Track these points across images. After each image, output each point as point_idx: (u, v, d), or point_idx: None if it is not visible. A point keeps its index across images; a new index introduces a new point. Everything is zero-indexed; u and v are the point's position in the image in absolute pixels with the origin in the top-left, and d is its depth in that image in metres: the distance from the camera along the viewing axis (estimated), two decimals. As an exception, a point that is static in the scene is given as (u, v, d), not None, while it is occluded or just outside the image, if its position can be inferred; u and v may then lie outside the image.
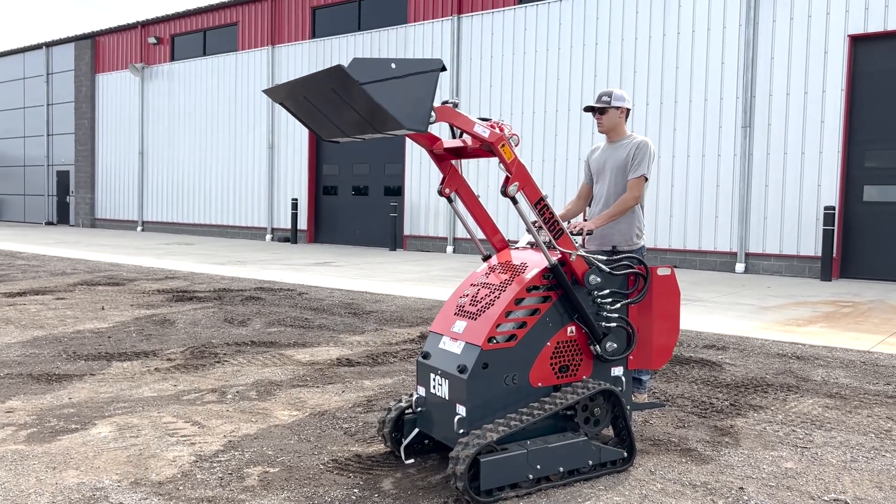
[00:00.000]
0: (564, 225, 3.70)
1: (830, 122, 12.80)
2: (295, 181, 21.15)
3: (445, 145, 3.65)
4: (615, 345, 3.66)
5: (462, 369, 3.34)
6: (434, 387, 3.54)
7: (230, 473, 3.47)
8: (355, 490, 3.30)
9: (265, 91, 3.38)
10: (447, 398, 3.45)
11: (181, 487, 3.29)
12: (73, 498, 3.15)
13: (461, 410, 3.34)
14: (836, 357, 6.23)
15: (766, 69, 13.43)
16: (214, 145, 23.20)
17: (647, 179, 4.37)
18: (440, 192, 3.74)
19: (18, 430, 4.03)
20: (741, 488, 3.39)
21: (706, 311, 8.70)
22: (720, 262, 14.04)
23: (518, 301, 3.46)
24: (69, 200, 28.68)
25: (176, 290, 9.84)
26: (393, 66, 2.88)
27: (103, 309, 8.23)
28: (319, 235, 21.08)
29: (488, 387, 3.36)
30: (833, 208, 12.44)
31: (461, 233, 17.50)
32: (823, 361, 6.07)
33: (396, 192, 19.14)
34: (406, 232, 18.53)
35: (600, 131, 4.56)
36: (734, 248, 13.85)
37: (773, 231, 13.44)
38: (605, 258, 3.74)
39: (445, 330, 3.62)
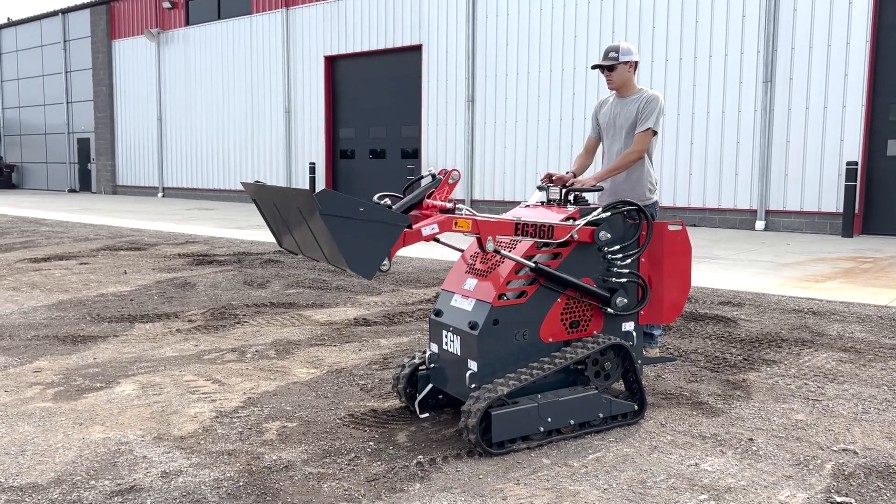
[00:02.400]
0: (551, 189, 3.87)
1: (854, 76, 12.52)
2: (312, 145, 21.16)
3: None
4: (625, 300, 3.68)
5: (473, 326, 3.39)
6: (446, 343, 3.60)
7: (249, 428, 3.57)
8: (371, 443, 3.39)
9: (242, 183, 3.50)
10: (459, 354, 3.51)
11: (202, 441, 3.40)
12: (100, 451, 3.27)
13: (473, 366, 3.41)
14: (853, 312, 6.21)
15: (788, 22, 13.12)
16: (231, 110, 23.22)
17: (655, 133, 4.34)
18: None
19: (46, 388, 4.17)
20: (751, 439, 3.43)
21: (723, 269, 8.67)
22: (740, 219, 13.92)
23: (528, 258, 3.49)
24: (90, 168, 28.96)
25: (196, 254, 9.97)
26: (361, 209, 2.93)
27: (125, 273, 8.38)
28: (337, 199, 21.13)
29: (499, 343, 3.41)
30: (856, 163, 12.24)
31: (478, 195, 17.48)
32: (840, 316, 6.05)
33: (413, 154, 19.10)
34: (423, 194, 18.50)
35: (611, 88, 4.52)
36: (754, 205, 13.71)
37: (794, 188, 13.28)
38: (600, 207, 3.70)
39: (457, 288, 3.66)
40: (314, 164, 20.42)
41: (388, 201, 3.34)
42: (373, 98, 19.98)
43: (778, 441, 3.42)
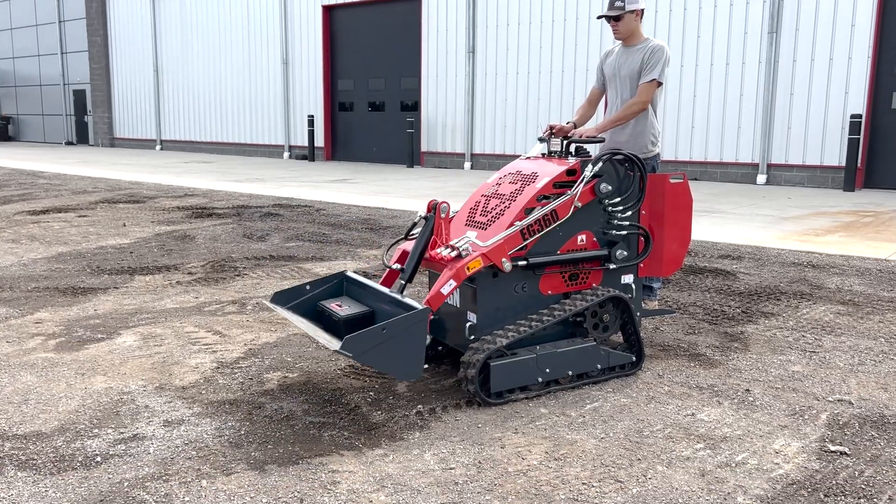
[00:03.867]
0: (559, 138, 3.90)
1: (861, 26, 12.30)
2: (311, 97, 20.90)
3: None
4: (625, 252, 3.67)
5: (472, 278, 3.39)
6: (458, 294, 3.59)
7: (250, 379, 3.60)
8: (371, 393, 3.42)
9: (270, 304, 3.58)
10: (458, 306, 3.52)
11: (203, 392, 3.43)
12: (102, 401, 3.30)
13: (472, 318, 3.42)
14: (853, 265, 6.21)
15: (796, -30, 12.83)
16: (229, 62, 22.89)
17: (660, 84, 4.27)
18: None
19: (47, 339, 4.19)
20: (747, 390, 3.46)
21: (724, 222, 8.65)
22: (741, 173, 13.84)
23: (528, 211, 3.47)
24: (87, 120, 28.67)
25: (195, 207, 9.94)
26: (384, 331, 2.97)
27: (125, 226, 8.36)
28: (336, 153, 20.99)
29: (498, 295, 3.42)
30: (860, 116, 12.11)
31: (479, 148, 17.34)
32: (839, 270, 6.06)
33: (413, 107, 18.88)
34: (423, 148, 18.38)
35: (617, 38, 4.44)
36: (756, 159, 13.62)
37: (797, 141, 13.16)
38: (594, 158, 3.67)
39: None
40: (312, 116, 20.21)
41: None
42: (372, 49, 19.67)
43: (774, 392, 3.45)
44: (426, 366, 3.70)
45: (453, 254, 3.29)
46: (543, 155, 3.98)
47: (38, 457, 2.75)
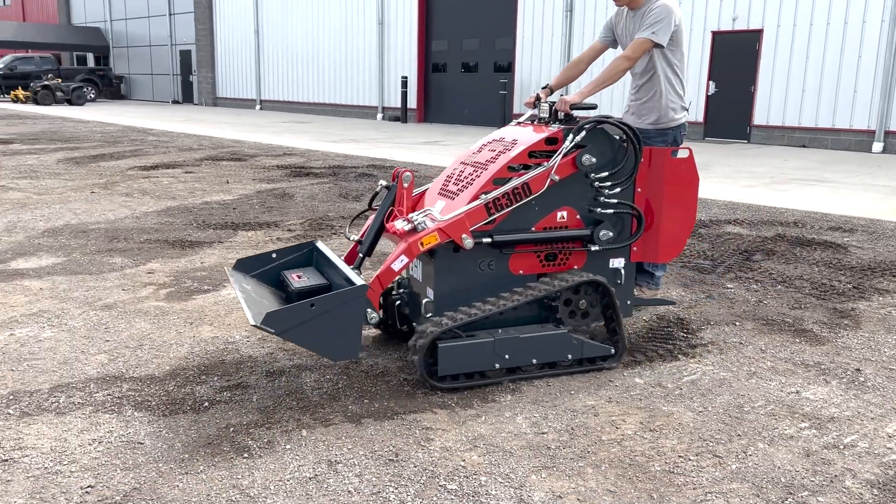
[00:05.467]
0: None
1: None
2: (405, 58, 20.95)
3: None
4: (610, 233, 3.28)
5: (432, 251, 3.06)
6: (411, 268, 3.36)
7: (347, 334, 3.69)
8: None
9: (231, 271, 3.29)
10: (421, 281, 3.27)
11: (303, 344, 3.55)
12: (209, 349, 3.47)
13: (430, 294, 3.15)
14: (981, 243, 5.76)
15: (930, -81, 11.78)
16: (326, 23, 23.18)
17: (656, 45, 3.69)
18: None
19: (158, 289, 4.43)
20: (858, 370, 3.29)
21: (834, 192, 8.18)
22: (855, 140, 13.01)
23: (498, 182, 3.14)
24: (192, 80, 29.79)
25: (293, 166, 10.21)
26: (312, 307, 2.72)
27: (228, 182, 8.68)
28: (428, 114, 21.03)
29: (459, 272, 3.12)
30: None
31: (573, 110, 16.97)
32: (965, 247, 5.64)
33: (506, 68, 18.64)
34: (516, 110, 18.15)
35: (618, 5, 3.90)
36: (872, 125, 12.76)
37: (921, 107, 12.23)
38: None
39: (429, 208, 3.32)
40: (406, 77, 20.27)
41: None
42: (466, 9, 19.47)
43: (888, 373, 3.26)
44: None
45: (408, 227, 3.04)
46: (533, 121, 3.60)
47: (152, 399, 2.93)
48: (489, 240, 3.10)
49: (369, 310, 2.92)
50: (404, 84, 20.20)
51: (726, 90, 14.75)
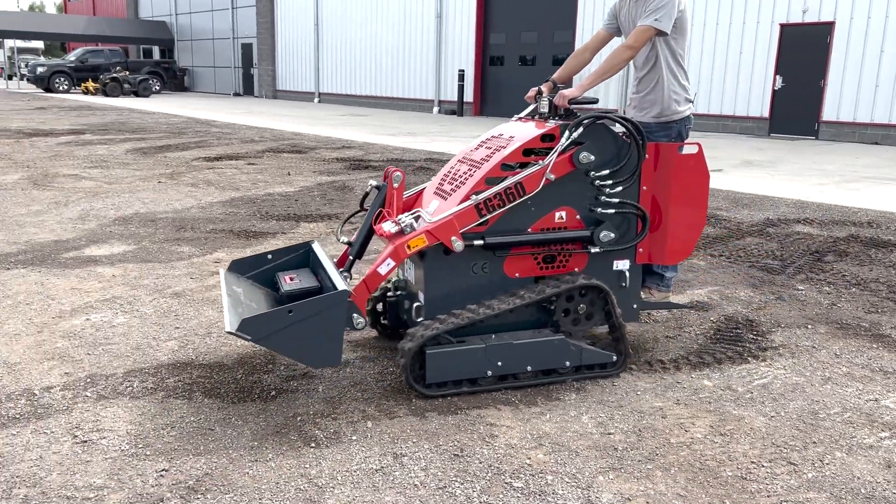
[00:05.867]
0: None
1: None
2: (462, 52, 20.92)
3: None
4: (611, 234, 3.11)
5: (423, 253, 2.96)
6: (406, 270, 3.29)
7: (409, 327, 3.70)
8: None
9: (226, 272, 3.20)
10: (414, 283, 3.17)
11: (366, 337, 3.57)
12: (275, 339, 3.52)
13: (421, 298, 3.05)
14: None
15: None
16: (385, 17, 23.31)
17: (658, 32, 3.40)
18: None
19: (225, 278, 4.52)
20: (941, 379, 3.15)
21: (911, 193, 7.84)
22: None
23: (490, 181, 3.01)
24: (253, 72, 30.35)
25: (352, 159, 10.31)
26: (290, 313, 2.63)
27: (289, 174, 8.82)
28: (485, 108, 20.97)
29: (451, 275, 3.00)
30: None
31: (633, 104, 16.68)
32: None
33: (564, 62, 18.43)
34: (574, 103, 17.93)
35: None
36: (952, 122, 12.19)
37: None
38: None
39: (424, 206, 3.24)
40: (463, 71, 20.24)
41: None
42: (525, 2, 19.31)
43: (974, 383, 3.11)
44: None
45: (395, 229, 2.94)
46: (533, 116, 3.44)
47: (221, 386, 2.99)
48: (480, 242, 2.96)
49: (355, 315, 2.86)
50: (461, 77, 20.18)
51: (794, 85, 14.28)
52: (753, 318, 3.90)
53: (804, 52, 14.03)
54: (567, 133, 3.02)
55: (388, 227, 2.95)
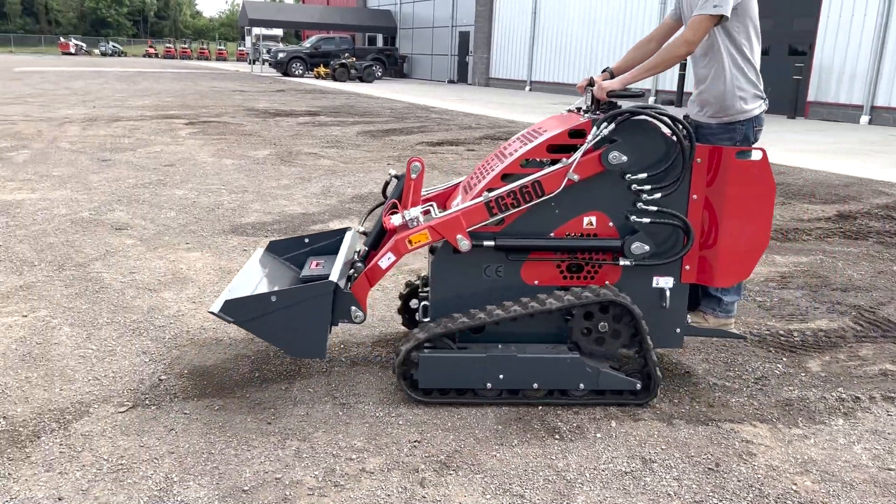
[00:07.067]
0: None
1: None
2: (686, 40, 19.92)
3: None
4: (646, 246, 2.72)
5: (433, 249, 2.83)
6: (429, 266, 3.08)
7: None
8: (778, 365, 3.16)
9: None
10: (431, 279, 2.93)
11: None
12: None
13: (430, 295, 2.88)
14: None
15: None
16: (605, 4, 22.80)
17: (721, 18, 2.82)
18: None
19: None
20: None
21: None
22: None
23: (506, 178, 2.77)
24: (468, 60, 31.13)
25: (569, 148, 10.19)
26: (273, 299, 2.57)
27: (508, 161, 8.90)
28: (707, 99, 19.83)
29: (460, 276, 2.79)
30: None
31: (883, 100, 14.95)
32: None
33: (802, 52, 16.90)
34: (810, 98, 16.45)
35: None
36: None
37: None
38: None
39: (451, 203, 3.08)
40: (686, 61, 19.25)
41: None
42: (763, -14, 17.95)
43: None
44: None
45: (400, 223, 2.79)
46: (578, 109, 3.09)
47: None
48: (491, 243, 2.74)
49: (354, 308, 2.76)
50: (682, 67, 19.23)
51: None
52: None
53: None
54: (594, 129, 2.71)
55: (395, 219, 2.84)
